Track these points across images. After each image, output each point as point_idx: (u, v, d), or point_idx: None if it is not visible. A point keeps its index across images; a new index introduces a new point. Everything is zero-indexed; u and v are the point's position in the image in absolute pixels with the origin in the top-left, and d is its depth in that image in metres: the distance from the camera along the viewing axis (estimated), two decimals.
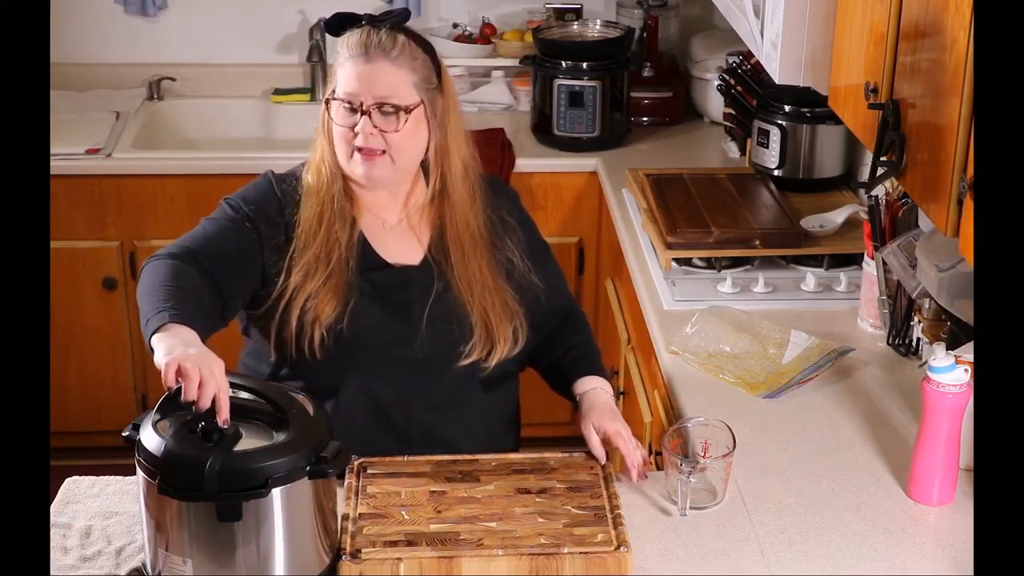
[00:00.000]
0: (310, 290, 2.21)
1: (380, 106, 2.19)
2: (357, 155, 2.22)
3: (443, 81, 2.27)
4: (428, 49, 2.26)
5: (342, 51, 2.23)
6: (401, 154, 2.23)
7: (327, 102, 2.24)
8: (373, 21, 2.23)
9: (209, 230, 2.25)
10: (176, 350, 1.91)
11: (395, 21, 2.24)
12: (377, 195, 2.30)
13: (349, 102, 2.20)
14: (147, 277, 2.14)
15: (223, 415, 1.86)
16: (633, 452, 2.21)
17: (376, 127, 2.19)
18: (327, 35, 2.44)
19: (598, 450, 2.22)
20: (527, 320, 2.33)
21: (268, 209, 2.27)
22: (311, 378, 2.21)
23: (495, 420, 2.38)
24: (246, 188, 2.32)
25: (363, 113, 2.19)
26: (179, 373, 1.87)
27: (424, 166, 2.30)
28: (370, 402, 2.26)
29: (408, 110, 2.20)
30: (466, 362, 2.27)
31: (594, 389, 2.35)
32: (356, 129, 2.20)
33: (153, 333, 1.98)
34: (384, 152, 2.21)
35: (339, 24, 2.26)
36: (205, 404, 1.86)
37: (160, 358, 1.92)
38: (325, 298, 2.21)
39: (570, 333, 2.45)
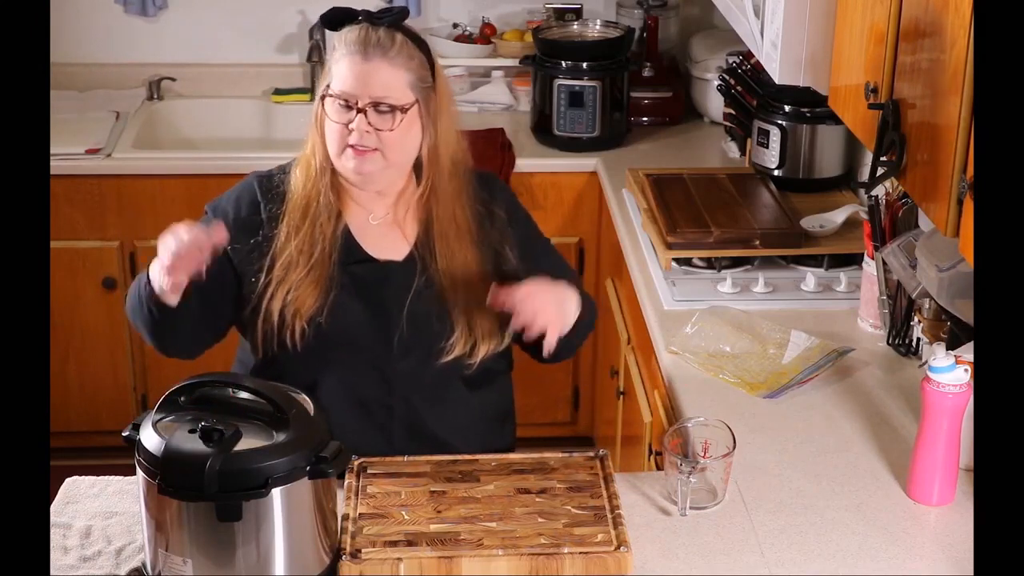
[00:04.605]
0: (291, 282, 2.23)
1: (376, 105, 2.19)
2: (349, 150, 2.21)
3: (437, 79, 2.27)
4: (424, 48, 2.26)
5: (339, 47, 2.23)
6: (393, 152, 2.22)
7: (322, 98, 2.24)
8: (371, 19, 2.23)
9: None
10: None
11: (393, 19, 2.23)
12: (367, 191, 2.30)
13: (345, 99, 2.20)
14: (130, 292, 2.29)
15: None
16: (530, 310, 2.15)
17: (371, 125, 2.19)
18: (326, 33, 2.43)
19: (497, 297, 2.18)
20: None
21: (242, 210, 2.30)
22: (291, 370, 2.21)
23: (481, 417, 2.38)
24: (227, 192, 2.35)
25: (359, 111, 2.19)
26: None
27: (417, 164, 2.30)
28: (349, 396, 2.27)
29: (404, 109, 2.20)
30: (448, 358, 2.27)
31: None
32: (351, 126, 2.20)
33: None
34: (376, 149, 2.21)
35: (337, 20, 2.26)
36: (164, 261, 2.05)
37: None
38: (306, 291, 2.23)
39: None
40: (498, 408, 2.44)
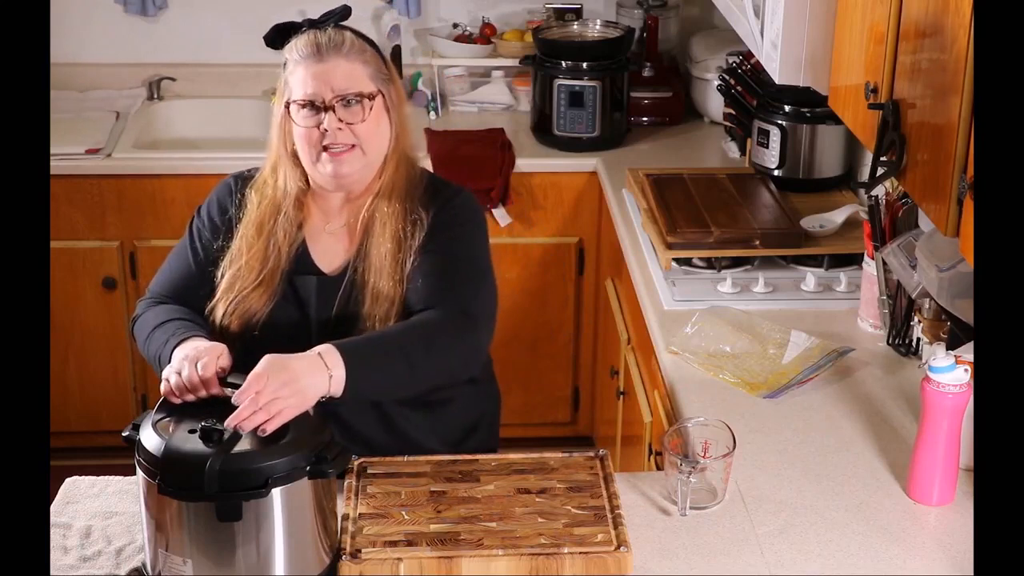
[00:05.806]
0: (235, 293, 2.24)
1: (342, 98, 2.17)
2: (324, 155, 2.19)
3: (391, 72, 2.26)
4: (371, 43, 2.25)
5: (291, 57, 2.21)
6: (370, 145, 2.21)
7: (287, 108, 2.22)
8: (316, 23, 2.22)
9: (175, 267, 2.32)
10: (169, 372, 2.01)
11: (338, 18, 2.22)
12: (335, 197, 2.28)
13: (310, 102, 2.18)
14: (141, 330, 2.23)
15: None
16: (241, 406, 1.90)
17: (342, 120, 2.17)
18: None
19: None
20: None
21: (222, 211, 2.31)
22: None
23: (431, 431, 2.31)
24: (210, 195, 2.35)
25: (327, 109, 2.17)
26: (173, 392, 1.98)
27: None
28: None
29: (371, 97, 2.19)
30: None
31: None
32: (323, 127, 2.18)
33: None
34: (354, 146, 2.19)
35: (280, 35, 2.24)
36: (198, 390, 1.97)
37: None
38: (249, 302, 2.23)
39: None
40: (454, 424, 2.36)
